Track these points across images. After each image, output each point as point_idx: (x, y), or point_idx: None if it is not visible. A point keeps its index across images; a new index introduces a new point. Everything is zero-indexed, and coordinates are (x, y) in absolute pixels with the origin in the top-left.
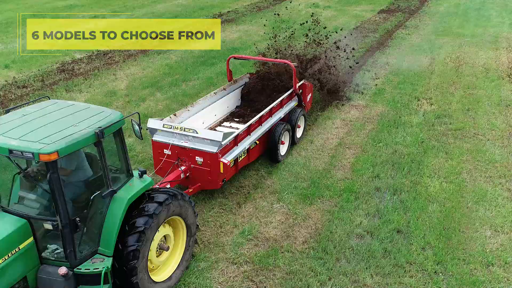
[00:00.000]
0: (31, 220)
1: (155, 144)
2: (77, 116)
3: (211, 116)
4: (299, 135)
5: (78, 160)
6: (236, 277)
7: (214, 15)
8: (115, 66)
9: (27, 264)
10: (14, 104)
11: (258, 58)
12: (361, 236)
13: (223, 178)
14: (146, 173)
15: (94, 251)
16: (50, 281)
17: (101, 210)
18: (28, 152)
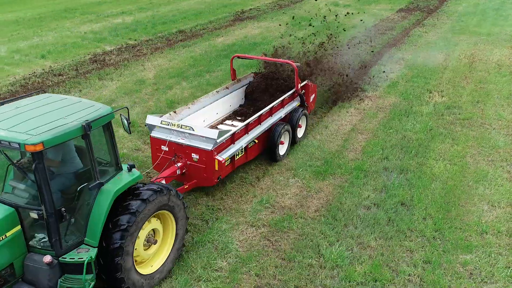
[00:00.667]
0: (19, 209)
1: (153, 140)
2: (67, 110)
3: (212, 114)
4: (300, 135)
5: (66, 152)
6: (255, 237)
7: (237, 12)
8: (143, 58)
9: (14, 252)
10: (53, 90)
11: (261, 58)
12: (368, 207)
13: (219, 176)
14: (134, 167)
15: (80, 241)
16: (35, 269)
17: (88, 201)
18: (15, 143)
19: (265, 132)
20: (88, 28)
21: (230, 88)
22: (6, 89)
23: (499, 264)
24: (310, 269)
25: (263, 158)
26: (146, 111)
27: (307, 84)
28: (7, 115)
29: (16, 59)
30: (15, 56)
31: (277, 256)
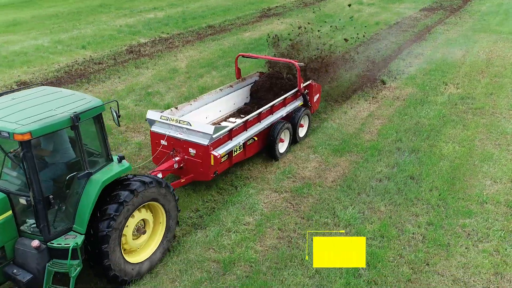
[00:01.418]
0: (10, 195)
1: (153, 135)
2: (59, 102)
3: (215, 111)
4: (302, 134)
5: (58, 142)
6: (278, 200)
7: (263, 9)
8: (175, 49)
9: (5, 235)
10: (95, 76)
11: (265, 57)
12: (380, 179)
13: (215, 171)
14: (124, 158)
15: (69, 228)
16: (25, 253)
17: (77, 190)
18: (5, 132)
19: (265, 130)
20: (123, 22)
21: (234, 87)
22: (52, 75)
23: (494, 228)
24: (326, 227)
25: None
26: (180, 96)
27: (311, 84)
28: (2, 106)
29: (59, 49)
30: (58, 46)
31: (297, 215)
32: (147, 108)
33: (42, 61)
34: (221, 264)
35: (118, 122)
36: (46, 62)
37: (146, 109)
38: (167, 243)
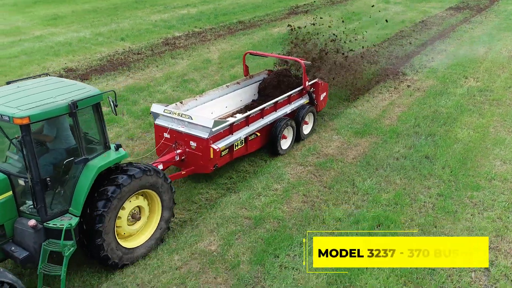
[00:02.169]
0: (10, 177)
1: (157, 128)
2: (60, 90)
3: (221, 107)
4: (307, 132)
5: (60, 129)
6: (303, 172)
7: (291, 7)
8: (208, 42)
9: (5, 214)
10: (134, 65)
11: (272, 55)
12: (397, 158)
13: (215, 164)
14: (121, 146)
15: (65, 210)
16: (23, 232)
17: (75, 174)
18: (5, 116)
19: (268, 126)
20: (158, 17)
21: (242, 84)
22: (96, 63)
23: (499, 199)
24: (346, 194)
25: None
26: (213, 83)
27: (317, 82)
28: (7, 92)
29: (100, 40)
30: (99, 38)
31: (320, 184)
32: (184, 94)
33: (85, 51)
34: (252, 220)
35: (115, 111)
36: (89, 52)
37: (183, 95)
38: (161, 232)
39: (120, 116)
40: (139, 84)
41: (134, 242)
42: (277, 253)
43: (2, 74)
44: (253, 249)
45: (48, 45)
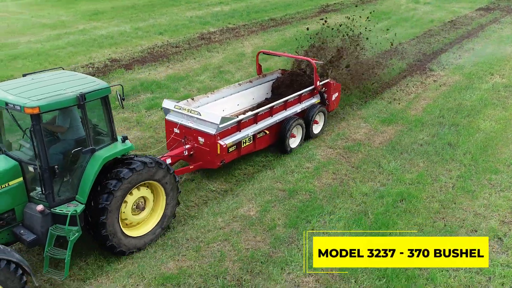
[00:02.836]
0: (22, 164)
1: (168, 123)
2: (71, 83)
3: (233, 105)
4: (317, 131)
5: (71, 120)
6: (332, 154)
7: (321, 5)
8: (241, 38)
9: (15, 199)
10: (173, 57)
11: (284, 55)
12: (421, 144)
13: (222, 160)
14: (127, 138)
15: (72, 197)
16: (31, 216)
17: (82, 164)
18: (17, 105)
19: (277, 124)
20: (193, 14)
21: (254, 82)
22: (138, 55)
23: None
24: (372, 174)
25: (341, 107)
26: (248, 75)
27: (329, 82)
28: (22, 84)
29: (139, 34)
30: (138, 32)
31: (348, 165)
32: (221, 83)
33: (127, 43)
34: (286, 192)
35: (122, 105)
36: (130, 45)
37: (220, 84)
38: (166, 221)
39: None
40: (178, 74)
41: (139, 230)
42: (309, 219)
43: (53, 63)
44: (287, 215)
45: (92, 38)
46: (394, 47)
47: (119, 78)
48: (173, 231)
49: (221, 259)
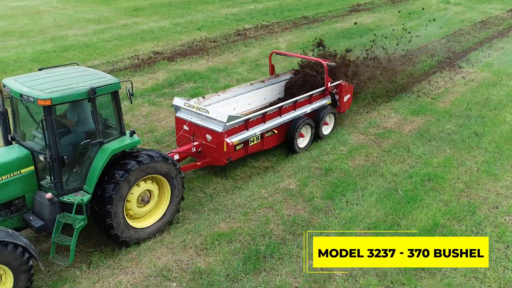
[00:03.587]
0: (33, 153)
1: (178, 120)
2: (83, 78)
3: (244, 104)
4: (327, 132)
5: (81, 114)
6: (364, 139)
7: (353, 5)
8: (275, 34)
9: (26, 187)
10: (212, 51)
11: (296, 55)
12: (448, 133)
13: (228, 157)
14: (135, 133)
15: (80, 187)
16: (41, 203)
17: (90, 155)
18: (31, 97)
19: (286, 124)
20: (228, 11)
21: (266, 82)
22: (178, 48)
23: None
24: (401, 157)
25: (373, 98)
26: (283, 68)
27: (341, 84)
28: (37, 77)
29: (178, 30)
30: (177, 27)
31: (379, 149)
32: (258, 75)
33: (167, 38)
34: (322, 170)
35: (131, 100)
36: (171, 39)
37: (257, 76)
38: (170, 215)
39: (205, 90)
40: (218, 66)
41: (144, 222)
42: (344, 192)
43: (101, 54)
44: (324, 189)
45: (134, 32)
46: (425, 45)
47: (164, 68)
48: (222, 199)
49: (266, 222)
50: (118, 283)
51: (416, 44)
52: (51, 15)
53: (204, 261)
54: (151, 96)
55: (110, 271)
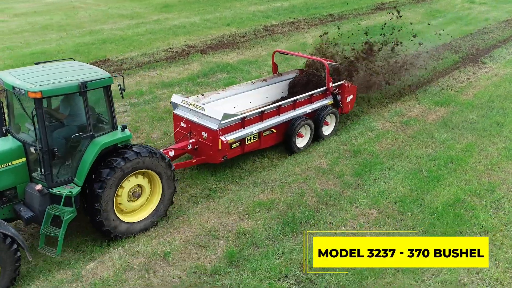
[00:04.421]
0: (25, 145)
1: (175, 117)
2: (76, 72)
3: (245, 102)
4: (327, 133)
5: (74, 108)
6: (390, 126)
7: (377, 3)
8: (302, 30)
9: (17, 178)
10: (242, 45)
11: (299, 55)
12: (471, 122)
13: (224, 155)
14: (126, 128)
15: (71, 180)
16: (31, 195)
17: (81, 149)
18: (22, 89)
19: (285, 124)
20: (255, 8)
21: (268, 81)
22: (210, 42)
23: None
24: (425, 142)
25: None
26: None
27: (344, 84)
28: (31, 71)
29: (208, 25)
30: (207, 23)
31: (404, 135)
32: (287, 67)
33: (199, 33)
34: (351, 152)
35: (122, 95)
36: (202, 34)
37: (287, 67)
38: (163, 208)
39: (238, 80)
40: (248, 59)
41: (136, 217)
42: (371, 171)
43: (137, 47)
44: (353, 168)
45: (166, 27)
46: (449, 42)
47: (197, 60)
48: (260, 174)
49: (301, 194)
50: (172, 239)
51: (440, 41)
52: (85, 11)
53: (247, 224)
54: (188, 84)
55: (164, 230)
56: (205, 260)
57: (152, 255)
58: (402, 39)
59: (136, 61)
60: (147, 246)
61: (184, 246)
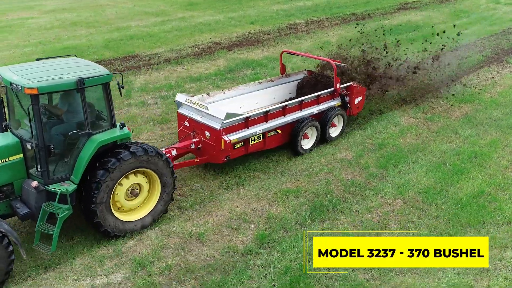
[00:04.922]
0: (22, 141)
1: (179, 116)
2: (75, 69)
3: (252, 102)
4: (335, 135)
5: (73, 104)
6: (414, 122)
7: (401, 3)
8: (325, 29)
9: (14, 174)
10: (266, 42)
11: (306, 55)
12: (495, 119)
13: (226, 155)
14: (125, 125)
15: (67, 177)
16: (28, 191)
17: (78, 146)
18: (19, 86)
19: (290, 124)
20: (278, 7)
21: (275, 81)
22: (235, 39)
23: None
24: (449, 138)
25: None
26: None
27: (352, 86)
28: (31, 67)
29: (233, 23)
30: (232, 21)
31: (428, 130)
32: (311, 65)
33: (223, 30)
34: (376, 145)
35: (121, 93)
36: (227, 31)
37: (310, 66)
38: (163, 206)
39: (263, 76)
40: (273, 56)
41: (136, 215)
42: (396, 164)
43: (164, 43)
44: (378, 160)
45: (192, 25)
46: (473, 42)
47: (223, 57)
48: (287, 164)
49: (327, 183)
50: (205, 222)
51: (465, 40)
52: (112, 8)
53: (276, 210)
54: (215, 79)
55: (197, 213)
56: (237, 241)
57: (187, 235)
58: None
59: (164, 57)
60: (182, 228)
61: (217, 228)
